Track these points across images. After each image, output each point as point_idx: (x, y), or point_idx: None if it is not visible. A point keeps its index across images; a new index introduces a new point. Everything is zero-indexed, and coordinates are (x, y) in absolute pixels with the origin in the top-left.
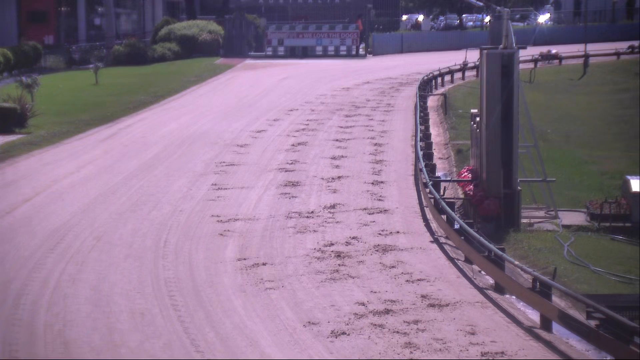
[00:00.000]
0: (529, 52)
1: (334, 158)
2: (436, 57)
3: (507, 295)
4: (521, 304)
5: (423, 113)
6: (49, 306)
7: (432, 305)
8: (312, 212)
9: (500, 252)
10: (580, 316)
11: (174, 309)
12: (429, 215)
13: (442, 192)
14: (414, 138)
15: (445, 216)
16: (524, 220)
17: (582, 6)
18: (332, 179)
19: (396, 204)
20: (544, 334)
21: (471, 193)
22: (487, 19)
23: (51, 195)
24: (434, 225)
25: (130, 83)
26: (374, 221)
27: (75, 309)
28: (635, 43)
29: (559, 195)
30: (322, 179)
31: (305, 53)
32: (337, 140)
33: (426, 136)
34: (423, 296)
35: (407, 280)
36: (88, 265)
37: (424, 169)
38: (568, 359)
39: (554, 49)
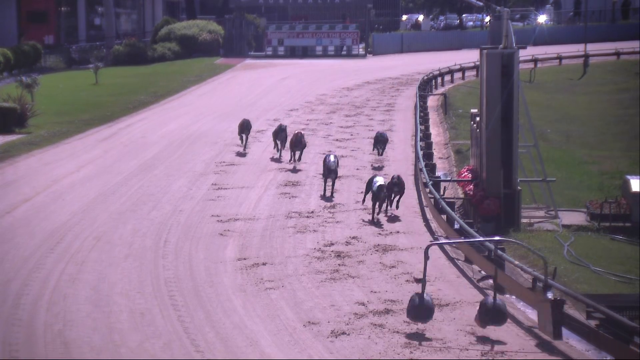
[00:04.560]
0: (529, 52)
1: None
2: (436, 57)
3: (507, 295)
4: (521, 304)
5: (423, 113)
6: (49, 306)
7: None
8: (312, 211)
9: (500, 252)
10: (580, 316)
11: (174, 309)
12: (429, 215)
13: (442, 192)
14: (414, 138)
15: (445, 216)
16: (524, 220)
17: (582, 6)
18: None
19: None
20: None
21: (471, 193)
22: (487, 19)
23: (51, 195)
24: (434, 225)
25: (130, 83)
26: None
27: (75, 309)
28: None
29: (559, 195)
30: (322, 178)
31: (305, 53)
32: (337, 139)
33: (426, 136)
34: None
35: (407, 280)
36: (88, 265)
37: (424, 169)
38: (568, 359)
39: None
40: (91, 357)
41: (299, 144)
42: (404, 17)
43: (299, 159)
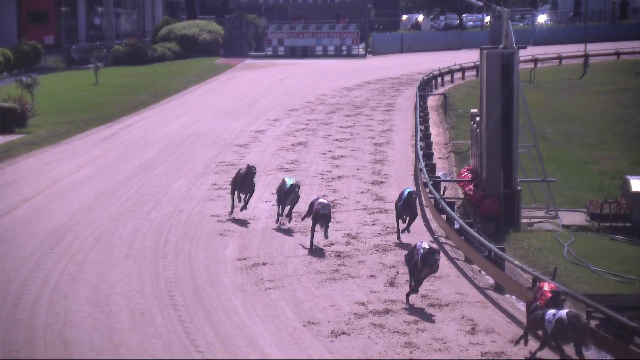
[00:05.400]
0: (529, 52)
1: (334, 158)
2: (436, 57)
3: (507, 295)
4: (521, 304)
5: (423, 113)
6: (49, 306)
7: (432, 305)
8: None
9: (500, 252)
10: None
11: (174, 309)
12: (429, 215)
13: (442, 192)
14: (414, 138)
15: (445, 216)
16: (524, 220)
17: (582, 6)
18: (332, 178)
19: None
20: None
21: (471, 193)
22: (487, 19)
23: (51, 195)
24: (434, 225)
25: (130, 83)
26: (374, 221)
27: (75, 309)
28: None
29: (559, 195)
30: (322, 178)
31: (305, 53)
32: (337, 140)
33: (426, 136)
34: (423, 296)
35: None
36: (88, 265)
37: (424, 169)
38: (568, 359)
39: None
40: (91, 357)
41: (325, 217)
42: (404, 17)
43: (326, 235)
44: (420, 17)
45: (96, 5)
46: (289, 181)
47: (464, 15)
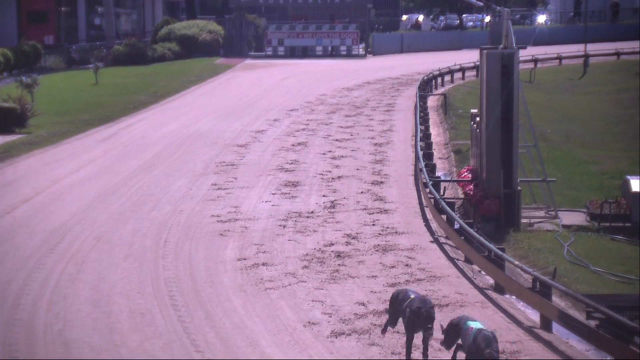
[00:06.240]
0: (529, 52)
1: (334, 158)
2: (436, 57)
3: (507, 295)
4: (521, 304)
5: (423, 113)
6: (49, 306)
7: None
8: (312, 212)
9: (500, 252)
10: (580, 316)
11: (174, 309)
12: (429, 215)
13: (442, 192)
14: (414, 138)
15: (445, 216)
16: (524, 220)
17: (582, 6)
18: (332, 178)
19: (396, 204)
20: (544, 334)
21: (471, 193)
22: (487, 19)
23: (51, 195)
24: (434, 225)
25: (130, 83)
26: (374, 221)
27: (75, 309)
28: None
29: (559, 195)
30: (322, 178)
31: (305, 53)
32: (337, 140)
33: (426, 136)
34: None
35: (407, 280)
36: (88, 265)
37: (424, 169)
38: (568, 359)
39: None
40: (91, 357)
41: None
42: (404, 17)
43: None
44: (420, 17)
45: (96, 5)
46: (476, 326)
47: (464, 15)
